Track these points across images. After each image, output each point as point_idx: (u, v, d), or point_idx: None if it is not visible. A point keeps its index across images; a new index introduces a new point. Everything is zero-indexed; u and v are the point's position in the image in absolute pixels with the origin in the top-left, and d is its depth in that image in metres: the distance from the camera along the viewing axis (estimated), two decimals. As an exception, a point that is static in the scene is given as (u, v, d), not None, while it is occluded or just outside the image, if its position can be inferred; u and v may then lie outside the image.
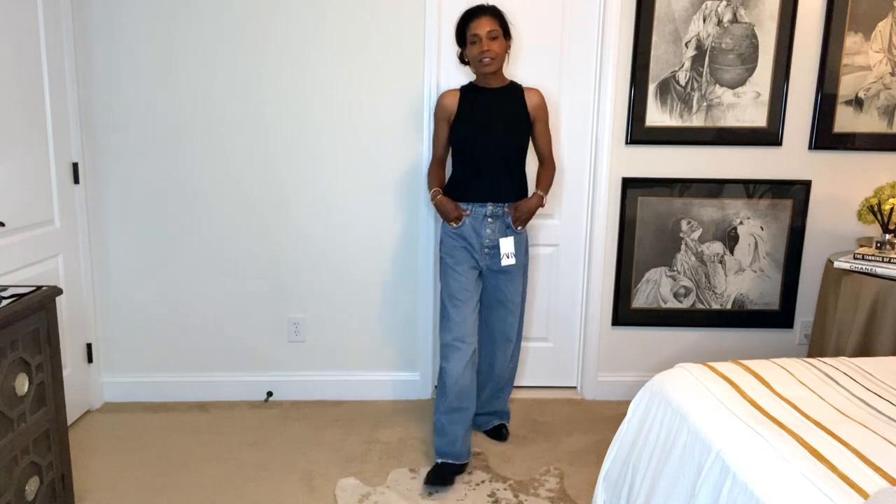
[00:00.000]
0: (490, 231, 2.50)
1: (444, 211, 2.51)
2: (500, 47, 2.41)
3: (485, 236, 2.50)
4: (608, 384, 3.20)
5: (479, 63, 2.42)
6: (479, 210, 2.49)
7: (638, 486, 1.84)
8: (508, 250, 2.51)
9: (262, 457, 2.63)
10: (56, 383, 1.99)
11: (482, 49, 2.39)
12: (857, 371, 1.91)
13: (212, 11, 2.84)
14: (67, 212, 2.79)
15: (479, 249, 2.52)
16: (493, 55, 2.39)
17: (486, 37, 2.38)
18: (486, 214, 2.49)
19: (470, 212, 2.50)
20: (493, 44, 2.39)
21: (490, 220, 2.50)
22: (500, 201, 2.50)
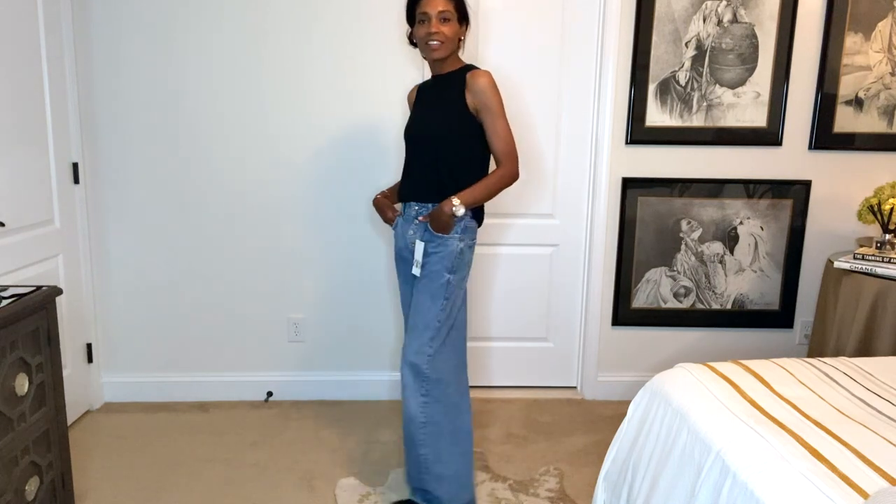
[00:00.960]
0: (412, 233, 2.21)
1: (378, 211, 2.34)
2: (452, 31, 2.10)
3: (408, 238, 2.23)
4: (608, 384, 3.20)
5: (425, 46, 2.11)
6: (408, 211, 2.23)
7: (638, 486, 1.84)
8: (417, 256, 2.17)
9: (262, 457, 2.63)
10: (56, 383, 1.99)
11: (429, 30, 2.08)
12: (857, 371, 1.91)
13: (212, 11, 2.84)
14: (67, 212, 2.79)
15: (405, 253, 2.27)
16: (441, 39, 2.08)
17: (436, 17, 2.07)
18: (412, 215, 2.21)
19: (401, 212, 2.28)
20: (444, 26, 2.08)
21: (416, 222, 2.20)
22: (424, 201, 2.17)
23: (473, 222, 2.18)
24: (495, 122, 2.11)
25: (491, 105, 2.09)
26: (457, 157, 2.14)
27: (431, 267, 2.13)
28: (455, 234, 2.13)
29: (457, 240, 2.13)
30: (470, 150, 2.15)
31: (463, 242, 2.14)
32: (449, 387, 2.14)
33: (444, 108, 2.14)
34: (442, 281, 2.13)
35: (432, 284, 2.13)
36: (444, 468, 2.13)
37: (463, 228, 2.14)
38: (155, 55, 2.86)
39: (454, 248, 2.13)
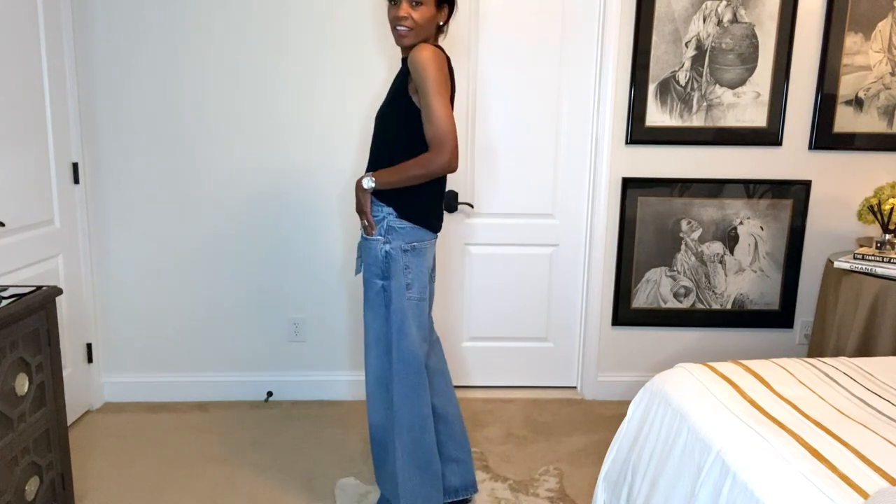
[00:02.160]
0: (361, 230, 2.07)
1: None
2: (423, 16, 1.89)
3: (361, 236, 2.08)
4: (608, 384, 3.20)
5: (393, 31, 1.92)
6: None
7: (638, 486, 1.84)
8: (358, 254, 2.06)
9: (262, 457, 2.63)
10: (56, 383, 1.98)
11: (397, 14, 1.89)
12: (857, 371, 1.91)
13: (213, 11, 2.84)
14: (67, 212, 2.79)
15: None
16: (409, 25, 1.89)
17: (407, 0, 1.88)
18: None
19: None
20: (415, 11, 1.88)
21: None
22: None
23: (402, 223, 1.97)
24: (427, 102, 1.85)
25: (422, 83, 1.84)
26: (386, 146, 1.97)
27: (365, 273, 2.03)
28: (377, 235, 1.98)
29: (380, 242, 1.97)
30: (398, 140, 1.94)
31: (388, 245, 1.97)
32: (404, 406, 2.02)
33: (392, 91, 1.97)
34: (376, 289, 2.00)
35: (369, 292, 2.02)
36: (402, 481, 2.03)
37: (386, 229, 1.97)
38: (155, 55, 2.86)
39: (378, 252, 1.98)
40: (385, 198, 1.97)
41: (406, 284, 1.98)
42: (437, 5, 1.91)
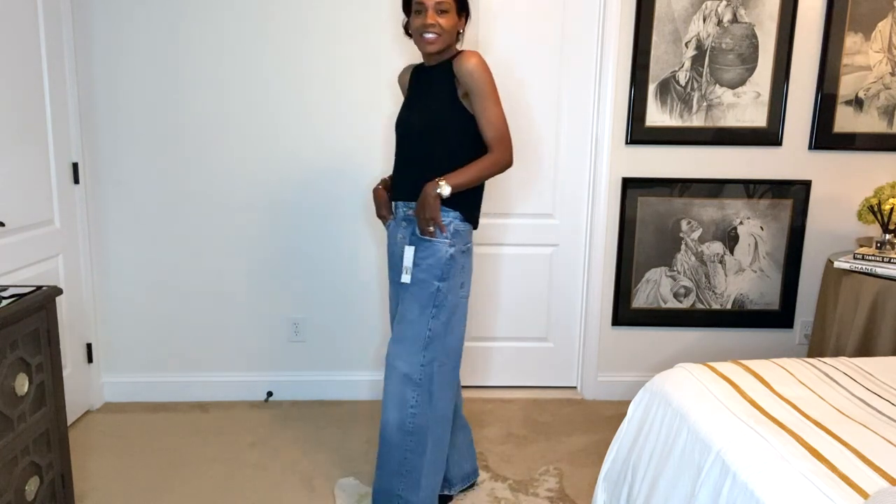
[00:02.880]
0: (401, 237, 2.08)
1: (375, 203, 2.20)
2: (449, 23, 1.95)
3: (398, 244, 2.10)
4: (608, 384, 3.20)
5: (419, 38, 1.96)
6: (398, 211, 2.10)
7: (638, 486, 1.84)
8: (406, 263, 2.01)
9: (262, 457, 2.63)
10: (56, 383, 1.98)
11: (425, 22, 1.94)
12: (857, 371, 1.91)
13: (213, 11, 2.84)
14: (67, 212, 2.79)
15: (395, 260, 2.13)
16: (437, 31, 1.94)
17: (433, 8, 1.93)
18: (400, 217, 2.10)
19: (393, 214, 2.14)
20: (441, 18, 1.93)
21: (404, 225, 2.07)
22: (412, 200, 2.04)
23: (465, 225, 2.04)
24: (485, 106, 1.95)
25: (479, 87, 1.94)
26: (446, 153, 1.99)
27: (420, 275, 1.99)
28: (444, 238, 1.99)
29: (446, 245, 2.00)
30: (460, 146, 1.99)
31: (454, 248, 2.01)
32: (441, 399, 2.05)
33: (432, 99, 2.00)
34: (431, 290, 1.99)
35: (422, 293, 2.00)
36: (424, 477, 2.06)
37: (452, 232, 2.01)
38: (155, 55, 2.86)
39: (443, 254, 1.99)
40: (452, 202, 1.99)
41: (461, 283, 2.05)
42: (458, 12, 1.99)
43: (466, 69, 1.93)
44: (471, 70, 1.93)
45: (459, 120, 1.98)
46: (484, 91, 1.94)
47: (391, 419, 2.03)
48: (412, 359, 2.01)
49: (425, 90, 2.03)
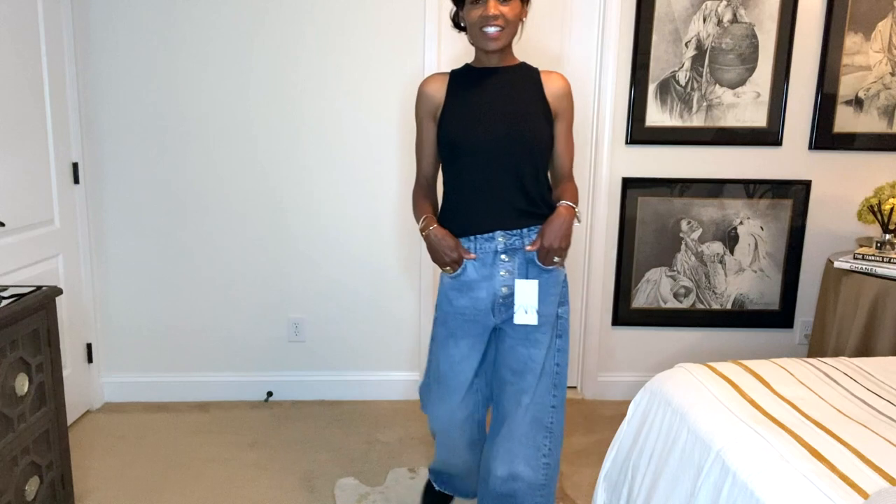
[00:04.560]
0: (504, 273, 1.74)
1: (439, 249, 1.72)
2: (513, 13, 1.67)
3: (498, 283, 1.75)
4: (608, 384, 3.20)
5: (479, 33, 1.67)
6: (487, 245, 1.74)
7: (638, 486, 1.84)
8: (527, 301, 1.71)
9: (262, 457, 2.63)
10: (56, 383, 1.98)
11: (486, 13, 1.64)
12: (857, 371, 1.91)
13: (213, 12, 2.83)
14: (67, 212, 2.79)
15: (493, 304, 1.77)
16: (501, 24, 1.66)
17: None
18: (496, 250, 1.74)
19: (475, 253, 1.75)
20: (504, 7, 1.65)
21: (504, 259, 1.74)
22: (514, 227, 1.73)
23: None
24: (569, 134, 1.82)
25: (571, 114, 1.81)
26: (541, 167, 1.77)
27: (545, 310, 1.76)
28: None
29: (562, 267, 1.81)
30: (547, 159, 1.80)
31: (564, 268, 1.83)
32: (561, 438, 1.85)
33: (528, 108, 1.74)
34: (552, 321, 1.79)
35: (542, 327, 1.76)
36: None
37: None
38: (155, 55, 2.86)
39: (561, 278, 1.80)
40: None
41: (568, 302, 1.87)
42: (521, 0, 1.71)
43: (564, 91, 1.77)
44: (568, 93, 1.78)
45: (548, 138, 1.77)
46: (572, 118, 1.82)
47: (518, 472, 1.76)
48: (542, 399, 1.77)
49: (503, 96, 1.74)
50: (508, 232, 1.74)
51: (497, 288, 1.75)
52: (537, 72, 1.79)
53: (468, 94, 1.74)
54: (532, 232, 1.75)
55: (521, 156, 1.71)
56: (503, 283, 1.75)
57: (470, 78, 1.77)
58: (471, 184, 1.74)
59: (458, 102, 1.75)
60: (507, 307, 1.76)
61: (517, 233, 1.74)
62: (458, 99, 1.75)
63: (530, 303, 1.70)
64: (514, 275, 1.74)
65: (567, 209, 1.71)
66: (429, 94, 1.79)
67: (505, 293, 1.75)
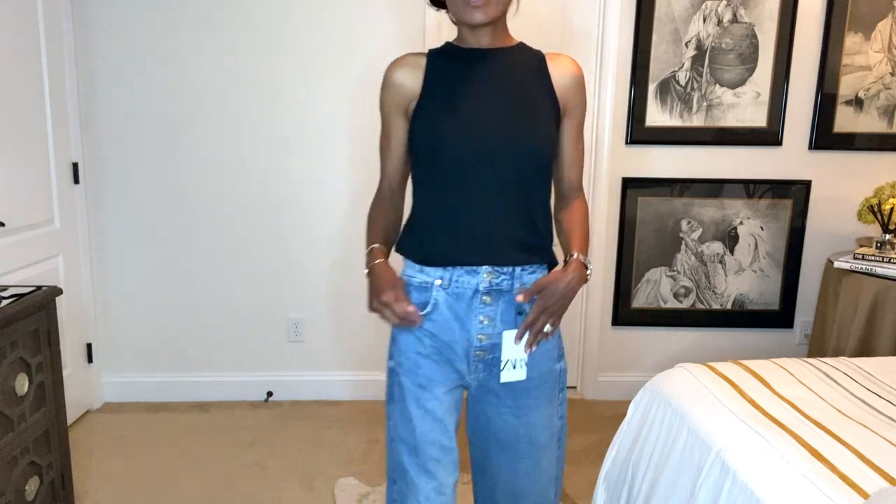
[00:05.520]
0: (484, 320, 1.33)
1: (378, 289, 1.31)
2: None
3: (475, 329, 1.34)
4: (608, 384, 3.20)
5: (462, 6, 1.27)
6: (466, 280, 1.33)
7: (638, 486, 1.84)
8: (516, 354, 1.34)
9: (262, 457, 2.63)
10: (56, 383, 1.98)
11: None
12: (857, 371, 1.91)
13: (213, 11, 2.83)
14: (67, 212, 2.79)
15: (466, 353, 1.35)
16: None
17: None
18: (477, 289, 1.33)
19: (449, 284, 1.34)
20: None
21: (486, 300, 1.33)
22: (506, 263, 1.33)
23: None
24: (579, 133, 1.41)
25: (583, 109, 1.41)
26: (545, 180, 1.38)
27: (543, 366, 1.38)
28: None
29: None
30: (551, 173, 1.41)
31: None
32: None
33: (530, 101, 1.33)
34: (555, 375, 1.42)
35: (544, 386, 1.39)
36: None
37: None
38: (155, 55, 2.86)
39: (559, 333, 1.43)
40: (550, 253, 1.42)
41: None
42: None
43: (577, 80, 1.37)
44: (581, 82, 1.38)
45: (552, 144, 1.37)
46: (584, 115, 1.41)
47: None
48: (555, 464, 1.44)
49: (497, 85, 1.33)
50: (498, 268, 1.33)
51: (472, 335, 1.34)
52: (542, 55, 1.38)
53: (451, 84, 1.33)
54: (528, 273, 1.35)
55: (523, 168, 1.31)
56: (481, 330, 1.34)
57: (453, 62, 1.35)
58: (453, 203, 1.32)
59: (438, 94, 1.33)
60: (485, 364, 1.36)
61: (508, 271, 1.33)
62: (437, 90, 1.34)
63: (518, 355, 1.35)
64: (496, 322, 1.34)
65: (578, 268, 1.30)
66: (398, 82, 1.37)
67: (482, 343, 1.34)
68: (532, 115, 1.33)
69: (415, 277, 1.38)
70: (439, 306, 1.36)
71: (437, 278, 1.35)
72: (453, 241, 1.33)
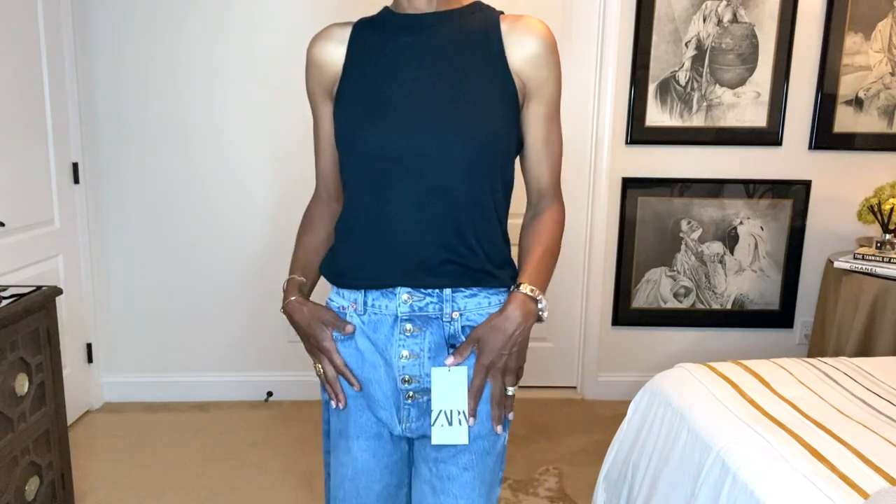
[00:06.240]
0: (407, 356, 1.08)
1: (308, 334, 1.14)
2: None
3: (397, 366, 1.09)
4: (608, 384, 3.20)
5: None
6: (382, 304, 1.10)
7: (638, 486, 1.84)
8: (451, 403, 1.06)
9: (262, 457, 2.63)
10: (56, 383, 1.99)
11: None
12: (857, 371, 1.91)
13: (214, 11, 2.83)
14: (67, 212, 2.79)
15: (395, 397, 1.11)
16: None
17: None
18: (397, 315, 1.09)
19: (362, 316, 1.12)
20: None
21: (409, 330, 1.08)
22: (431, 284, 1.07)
23: None
24: (554, 124, 1.14)
25: (556, 87, 1.11)
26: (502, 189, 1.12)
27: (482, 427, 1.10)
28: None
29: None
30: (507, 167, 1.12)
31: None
32: None
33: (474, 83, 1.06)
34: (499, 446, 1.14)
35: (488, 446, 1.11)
36: None
37: None
38: (155, 55, 2.86)
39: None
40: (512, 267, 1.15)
41: None
42: None
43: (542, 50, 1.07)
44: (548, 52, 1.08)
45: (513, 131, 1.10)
46: (558, 94, 1.12)
47: None
48: None
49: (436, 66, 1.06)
50: (419, 290, 1.07)
51: (396, 375, 1.09)
52: (496, 19, 1.08)
53: (374, 63, 1.08)
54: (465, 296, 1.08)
55: (457, 172, 1.05)
56: (405, 369, 1.08)
57: (382, 33, 1.09)
58: (371, 212, 1.08)
59: (356, 79, 1.09)
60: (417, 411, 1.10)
61: (434, 294, 1.07)
62: (356, 72, 1.09)
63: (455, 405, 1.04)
64: (421, 359, 1.07)
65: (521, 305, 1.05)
66: (318, 60, 1.13)
67: (408, 386, 1.09)
68: (474, 101, 1.05)
69: (333, 301, 1.14)
70: (355, 337, 1.12)
71: (352, 301, 1.11)
72: (367, 257, 1.09)
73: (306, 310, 1.13)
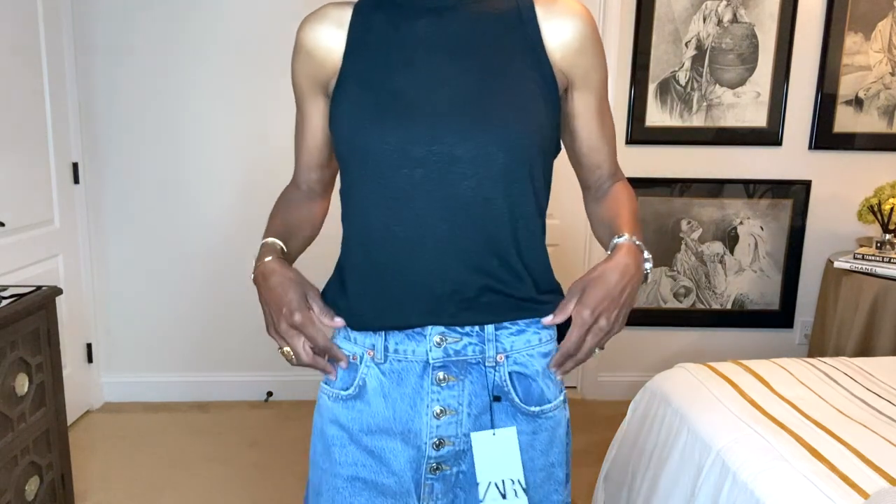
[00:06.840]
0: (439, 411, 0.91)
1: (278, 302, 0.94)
2: None
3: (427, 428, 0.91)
4: (608, 384, 3.20)
5: None
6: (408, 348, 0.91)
7: (638, 486, 1.84)
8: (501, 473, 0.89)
9: (262, 457, 2.63)
10: (56, 383, 1.99)
11: None
12: (857, 371, 1.91)
13: (214, 11, 2.83)
14: (67, 212, 2.79)
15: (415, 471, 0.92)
16: None
17: None
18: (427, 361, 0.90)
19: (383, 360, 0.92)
20: None
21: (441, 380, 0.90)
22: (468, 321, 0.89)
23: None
24: (606, 110, 1.04)
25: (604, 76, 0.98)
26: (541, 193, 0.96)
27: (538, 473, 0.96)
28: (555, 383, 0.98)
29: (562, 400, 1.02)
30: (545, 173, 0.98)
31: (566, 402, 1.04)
32: None
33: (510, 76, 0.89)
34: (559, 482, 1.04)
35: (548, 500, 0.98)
36: None
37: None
38: (155, 55, 2.86)
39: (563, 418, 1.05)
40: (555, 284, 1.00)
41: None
42: None
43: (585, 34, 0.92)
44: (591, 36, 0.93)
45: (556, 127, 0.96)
46: (605, 81, 0.99)
47: None
48: None
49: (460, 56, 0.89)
50: (454, 330, 0.89)
51: (424, 440, 0.90)
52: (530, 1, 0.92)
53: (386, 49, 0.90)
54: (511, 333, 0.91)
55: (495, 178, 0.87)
56: (438, 430, 0.90)
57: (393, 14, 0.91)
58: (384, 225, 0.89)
59: (362, 68, 0.91)
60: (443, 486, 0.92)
61: (473, 333, 0.90)
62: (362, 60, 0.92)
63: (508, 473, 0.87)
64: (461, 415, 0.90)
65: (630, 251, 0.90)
66: (310, 46, 0.96)
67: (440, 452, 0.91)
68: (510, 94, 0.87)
69: (342, 348, 0.94)
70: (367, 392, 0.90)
71: (369, 348, 0.90)
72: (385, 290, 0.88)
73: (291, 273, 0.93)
